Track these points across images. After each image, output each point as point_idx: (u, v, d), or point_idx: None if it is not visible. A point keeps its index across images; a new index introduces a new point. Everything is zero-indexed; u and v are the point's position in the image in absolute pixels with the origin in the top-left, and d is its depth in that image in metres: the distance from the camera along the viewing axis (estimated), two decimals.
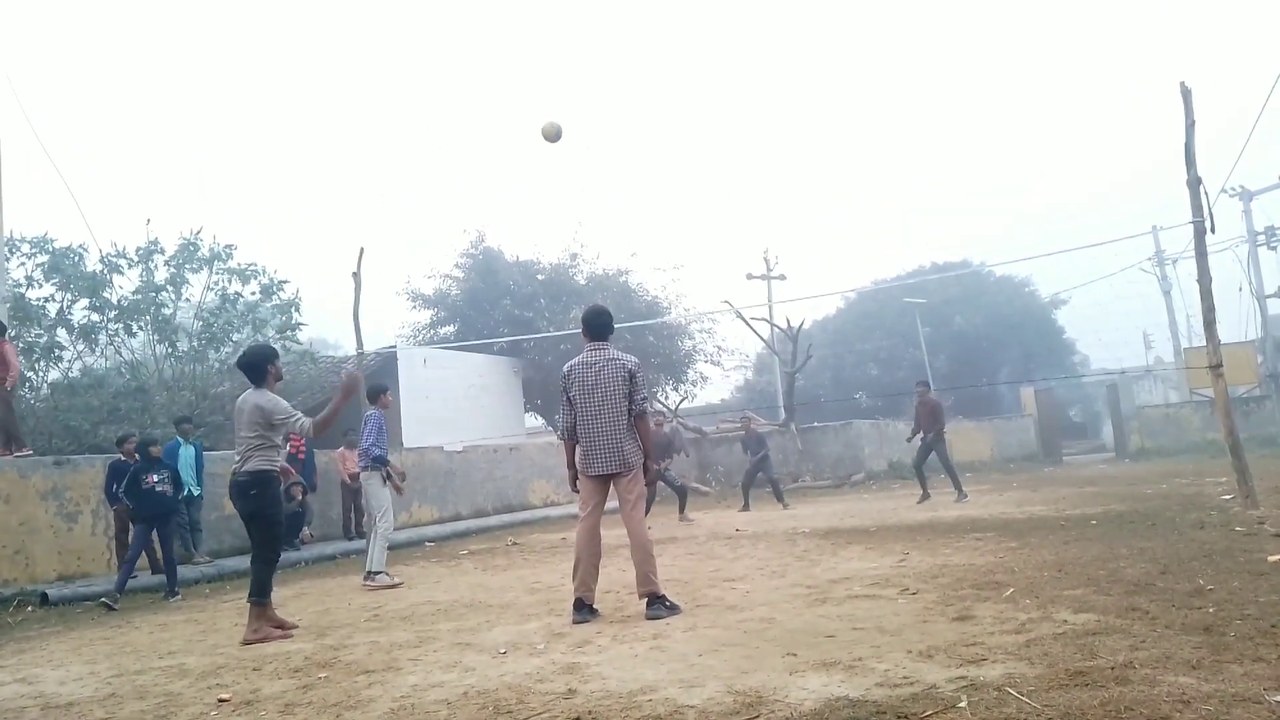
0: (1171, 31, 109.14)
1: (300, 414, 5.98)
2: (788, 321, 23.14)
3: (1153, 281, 28.95)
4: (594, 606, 5.60)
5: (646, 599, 5.49)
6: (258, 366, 6.09)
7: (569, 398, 5.71)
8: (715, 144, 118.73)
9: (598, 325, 5.76)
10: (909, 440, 14.32)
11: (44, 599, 8.60)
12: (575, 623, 5.41)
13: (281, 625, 6.03)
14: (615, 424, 5.58)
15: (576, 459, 5.76)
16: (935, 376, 26.76)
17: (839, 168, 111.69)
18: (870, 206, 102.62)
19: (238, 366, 6.58)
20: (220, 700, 4.18)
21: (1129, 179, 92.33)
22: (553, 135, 9.97)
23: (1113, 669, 3.44)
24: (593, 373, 5.62)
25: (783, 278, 28.40)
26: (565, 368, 5.83)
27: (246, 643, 5.67)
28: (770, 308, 25.93)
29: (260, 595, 5.91)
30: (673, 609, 5.45)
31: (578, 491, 5.85)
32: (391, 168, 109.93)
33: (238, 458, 6.03)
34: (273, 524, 6.09)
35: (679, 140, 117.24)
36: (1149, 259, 27.99)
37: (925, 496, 13.38)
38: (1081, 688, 3.24)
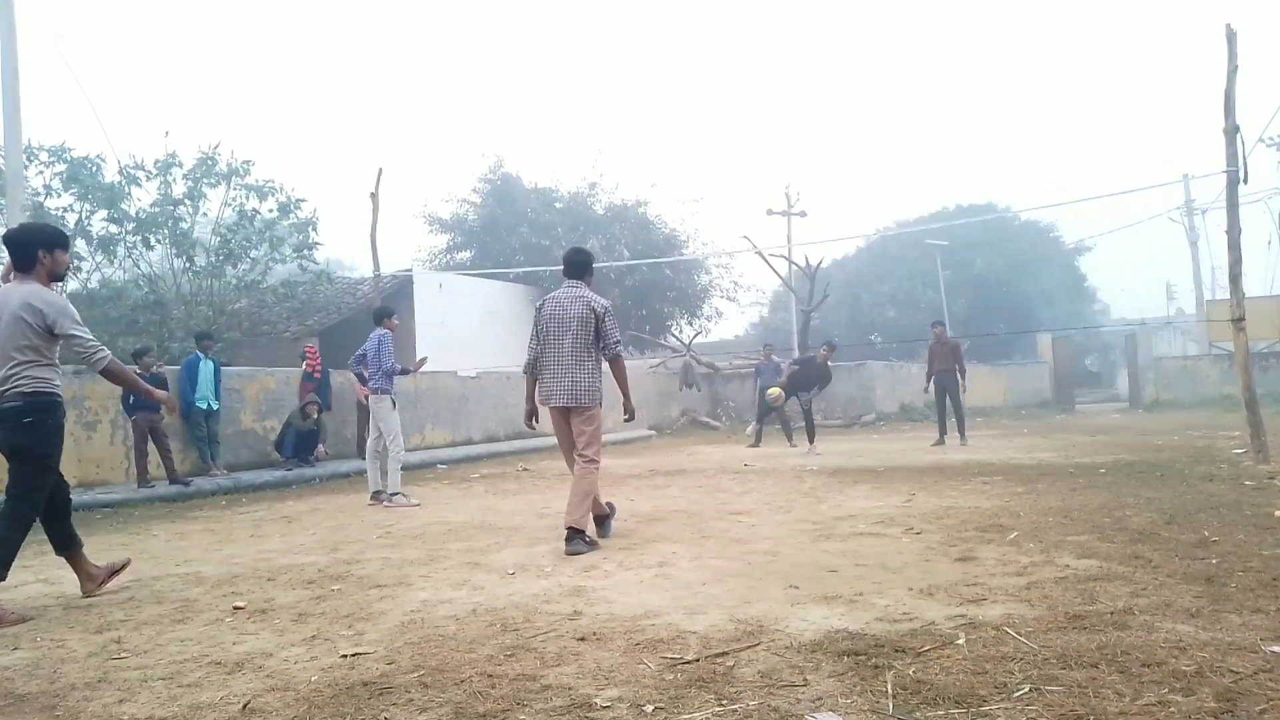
0: None
1: (95, 341, 4.48)
2: (806, 260, 22.96)
3: (1179, 232, 28.49)
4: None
5: (568, 530, 5.50)
6: (25, 247, 4.44)
7: (538, 331, 5.83)
8: (739, 74, 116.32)
9: (575, 264, 5.91)
10: (926, 390, 14.24)
11: None
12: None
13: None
14: (576, 360, 5.68)
15: (536, 392, 5.86)
16: (953, 320, 26.60)
17: (865, 103, 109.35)
18: (896, 144, 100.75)
19: (1, 240, 4.67)
20: (235, 608, 4.29)
21: (1164, 125, 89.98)
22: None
23: (1112, 614, 3.48)
24: (562, 309, 5.75)
25: (803, 214, 27.95)
26: (539, 302, 5.98)
27: None
28: (789, 245, 25.68)
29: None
30: (591, 545, 5.51)
31: (532, 427, 5.94)
32: (411, 88, 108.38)
33: None
34: (40, 465, 4.38)
35: (703, 70, 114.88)
36: (1178, 208, 27.50)
37: (940, 441, 13.35)
38: (1079, 631, 3.28)
